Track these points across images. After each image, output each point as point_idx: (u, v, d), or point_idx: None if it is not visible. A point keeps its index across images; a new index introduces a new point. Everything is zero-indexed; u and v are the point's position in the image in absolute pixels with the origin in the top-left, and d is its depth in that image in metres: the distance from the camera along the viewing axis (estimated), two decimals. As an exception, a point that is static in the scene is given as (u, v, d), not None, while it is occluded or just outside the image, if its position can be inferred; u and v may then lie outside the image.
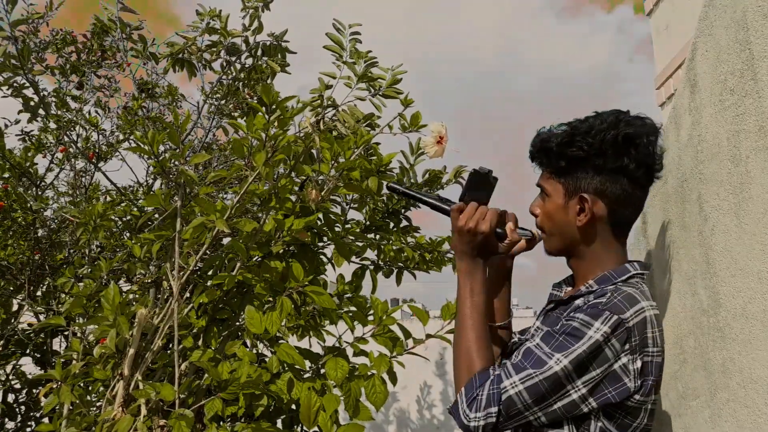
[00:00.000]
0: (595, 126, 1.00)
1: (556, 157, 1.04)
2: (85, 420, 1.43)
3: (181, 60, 1.95)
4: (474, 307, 1.03)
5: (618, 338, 0.90)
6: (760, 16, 1.01)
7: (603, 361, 0.90)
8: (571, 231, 1.05)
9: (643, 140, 0.99)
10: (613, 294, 0.94)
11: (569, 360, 0.89)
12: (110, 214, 1.82)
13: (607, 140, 0.98)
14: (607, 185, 1.01)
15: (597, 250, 1.05)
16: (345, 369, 1.49)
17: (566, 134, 1.02)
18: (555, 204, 1.06)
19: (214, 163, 2.47)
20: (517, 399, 0.90)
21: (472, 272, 1.06)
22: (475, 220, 1.05)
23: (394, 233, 1.85)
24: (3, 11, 1.90)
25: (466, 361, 0.99)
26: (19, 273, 2.26)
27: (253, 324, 1.39)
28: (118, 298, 1.43)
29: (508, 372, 0.92)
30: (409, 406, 5.04)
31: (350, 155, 1.56)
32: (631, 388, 0.91)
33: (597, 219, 1.02)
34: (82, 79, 2.37)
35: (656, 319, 0.95)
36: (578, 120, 1.03)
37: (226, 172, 1.57)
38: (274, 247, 1.53)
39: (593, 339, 0.89)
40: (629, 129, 0.98)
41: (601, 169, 1.01)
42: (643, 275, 1.04)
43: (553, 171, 1.06)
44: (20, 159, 2.28)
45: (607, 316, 0.90)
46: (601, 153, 0.99)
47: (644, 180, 1.02)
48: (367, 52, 1.54)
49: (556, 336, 0.92)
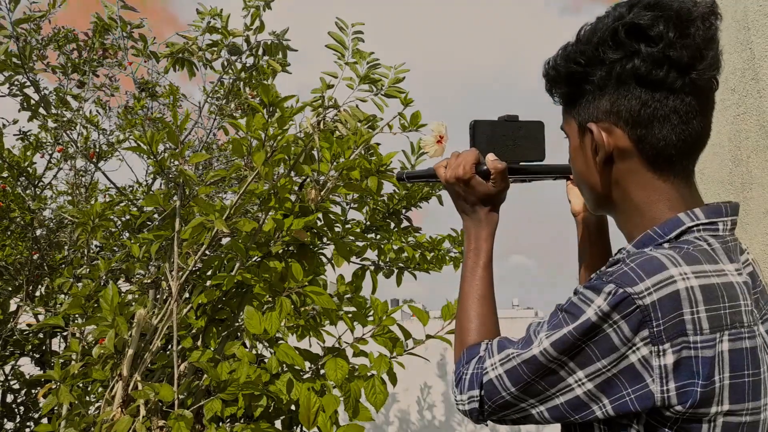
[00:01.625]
0: (599, 25, 0.74)
1: (557, 82, 0.80)
2: (83, 420, 1.43)
3: (182, 59, 1.94)
4: (474, 271, 0.88)
5: (627, 320, 0.64)
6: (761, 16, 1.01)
7: (609, 348, 0.65)
8: (592, 178, 0.79)
9: (659, 27, 0.69)
10: (627, 259, 0.68)
11: (550, 342, 0.68)
12: (109, 214, 1.81)
13: (604, 40, 0.72)
14: (619, 102, 0.73)
15: (634, 197, 0.76)
16: (345, 369, 1.49)
17: (564, 48, 0.78)
18: (573, 147, 0.82)
19: (214, 163, 2.46)
20: (498, 384, 0.73)
21: (473, 227, 0.90)
22: (452, 168, 0.89)
23: (394, 233, 1.85)
24: (5, 9, 1.90)
25: (459, 332, 0.84)
26: (18, 273, 2.25)
27: (253, 324, 1.39)
28: (117, 299, 1.43)
29: (491, 350, 0.76)
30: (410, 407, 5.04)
31: (350, 155, 1.55)
32: (655, 393, 0.64)
33: (619, 153, 0.74)
34: (83, 77, 2.37)
35: (705, 292, 0.64)
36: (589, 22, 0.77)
37: (226, 172, 1.56)
38: (273, 247, 1.53)
39: (586, 318, 0.66)
40: (640, 16, 0.70)
41: (605, 83, 0.74)
42: (714, 225, 0.71)
43: (564, 104, 0.82)
44: (18, 158, 2.28)
45: (610, 289, 0.66)
46: (600, 60, 0.73)
47: (677, 83, 0.70)
48: (369, 53, 1.53)
49: (558, 313, 0.72)
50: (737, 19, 1.10)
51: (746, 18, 1.06)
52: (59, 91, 2.24)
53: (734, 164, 1.13)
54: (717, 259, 0.68)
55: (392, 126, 1.57)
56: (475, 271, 0.88)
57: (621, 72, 0.71)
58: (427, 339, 1.63)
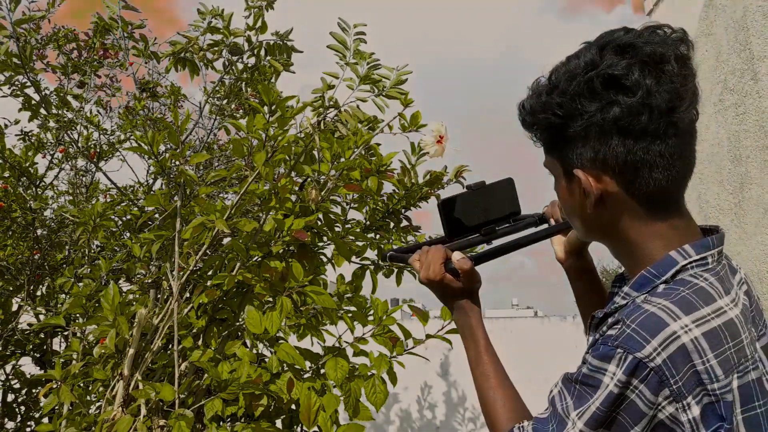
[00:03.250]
0: (571, 70, 0.72)
1: (533, 129, 0.79)
2: (84, 420, 1.43)
3: (183, 59, 1.95)
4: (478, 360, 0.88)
5: (646, 385, 0.65)
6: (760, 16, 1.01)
7: (638, 415, 0.66)
8: (585, 218, 0.79)
9: (634, 77, 0.68)
10: (626, 321, 0.68)
11: (584, 422, 0.68)
12: (110, 214, 1.82)
13: (579, 91, 0.70)
14: (603, 152, 0.71)
15: (630, 235, 0.75)
16: (345, 369, 1.49)
17: (538, 94, 0.76)
18: (561, 186, 0.81)
19: (215, 163, 2.47)
20: None
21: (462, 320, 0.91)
22: (423, 269, 0.90)
23: (394, 233, 1.85)
24: (5, 10, 1.90)
25: (489, 422, 0.83)
26: (19, 273, 2.26)
27: (253, 324, 1.39)
28: (118, 298, 1.43)
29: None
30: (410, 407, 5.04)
31: (350, 155, 1.56)
32: None
33: (610, 196, 0.74)
34: (83, 78, 2.38)
35: (708, 340, 0.65)
36: (561, 63, 0.75)
37: (226, 172, 1.57)
38: (273, 247, 1.53)
39: (608, 389, 0.66)
40: (612, 67, 0.68)
41: (587, 134, 0.72)
42: (704, 260, 0.72)
43: (543, 145, 0.81)
44: (20, 158, 2.28)
45: (620, 356, 0.65)
46: (578, 112, 0.71)
47: (659, 127, 0.69)
48: (370, 53, 1.54)
49: (572, 384, 0.71)
50: (736, 20, 1.10)
51: (745, 19, 1.06)
52: (60, 91, 2.25)
53: (733, 164, 1.13)
54: (714, 297, 0.69)
55: (392, 126, 1.57)
56: (480, 359, 0.87)
57: (602, 123, 0.70)
58: (427, 338, 1.63)
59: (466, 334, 0.89)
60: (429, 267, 0.89)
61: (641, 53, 0.68)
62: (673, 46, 0.69)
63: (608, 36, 0.72)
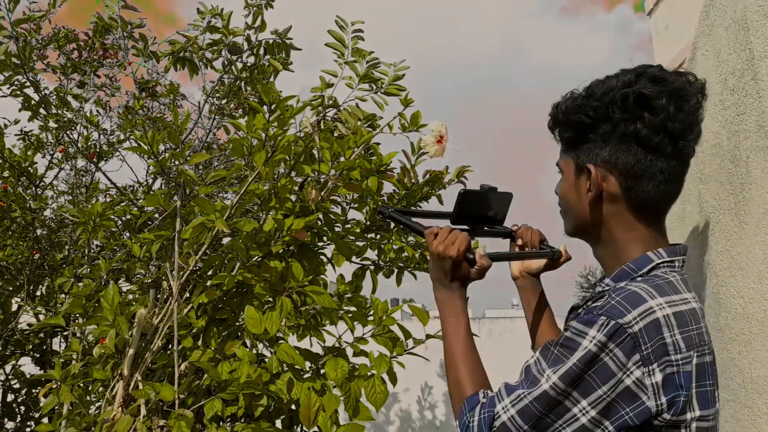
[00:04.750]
0: (610, 85, 0.85)
1: (564, 126, 0.92)
2: (84, 420, 1.43)
3: (182, 58, 1.94)
4: (457, 334, 0.95)
5: (621, 348, 0.74)
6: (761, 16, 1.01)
7: (607, 375, 0.75)
8: (583, 212, 0.91)
9: (662, 101, 0.82)
10: (612, 295, 0.79)
11: (558, 376, 0.76)
12: (109, 214, 1.81)
13: (614, 101, 0.84)
14: (617, 156, 0.85)
15: (616, 235, 0.89)
16: (345, 369, 1.49)
17: (575, 98, 0.89)
18: (567, 182, 0.93)
19: (214, 162, 2.46)
20: (511, 425, 0.79)
21: (450, 299, 0.98)
22: (444, 244, 0.97)
23: (394, 233, 1.85)
24: (4, 10, 1.90)
25: (456, 389, 0.91)
26: (19, 273, 2.26)
27: (253, 324, 1.39)
28: (118, 298, 1.43)
29: (500, 395, 0.82)
30: (411, 407, 5.04)
31: (350, 155, 1.56)
32: (651, 407, 0.75)
33: (609, 196, 0.87)
34: (83, 78, 2.38)
35: (677, 318, 0.77)
36: (599, 80, 0.89)
37: (226, 172, 1.56)
38: (273, 247, 1.53)
39: (586, 349, 0.75)
40: (647, 88, 0.82)
41: (609, 137, 0.86)
42: (672, 263, 0.86)
43: (564, 144, 0.94)
44: (19, 158, 2.28)
45: (602, 322, 0.76)
46: (608, 117, 0.85)
47: (668, 149, 0.83)
48: (369, 52, 1.53)
49: (551, 349, 0.80)
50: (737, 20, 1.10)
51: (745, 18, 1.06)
52: (59, 91, 2.24)
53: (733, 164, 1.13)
54: (680, 290, 0.82)
55: (392, 126, 1.57)
56: (459, 333, 0.96)
57: (624, 131, 0.84)
58: (427, 339, 1.63)
59: (450, 311, 0.97)
60: (452, 245, 0.96)
61: (670, 86, 0.83)
62: (695, 90, 0.85)
63: (644, 67, 0.86)
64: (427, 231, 1.01)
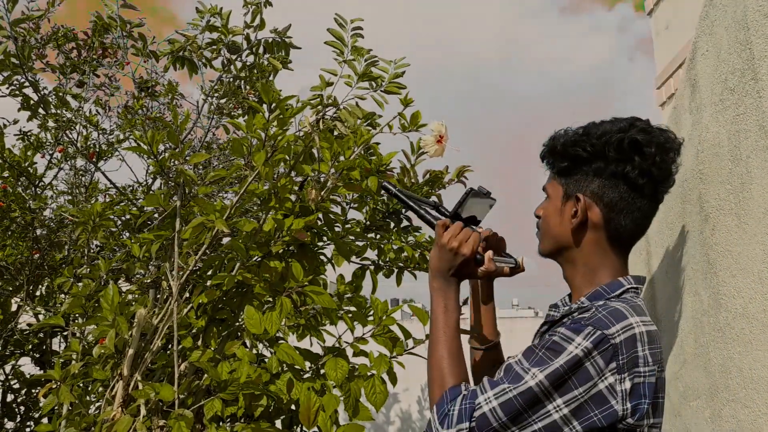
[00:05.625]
0: (606, 128, 0.98)
1: (560, 156, 1.02)
2: (84, 420, 1.43)
3: (182, 58, 1.94)
4: (447, 324, 1.01)
5: (602, 355, 0.84)
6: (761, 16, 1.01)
7: (585, 379, 0.84)
8: (564, 234, 1.02)
9: (651, 149, 0.95)
10: (598, 309, 0.89)
11: (545, 375, 0.84)
12: (109, 214, 1.81)
13: (611, 142, 0.96)
14: (605, 190, 0.98)
15: (590, 259, 1.01)
16: (345, 369, 1.49)
17: (573, 134, 1.01)
18: (553, 206, 1.04)
19: (214, 162, 2.46)
20: (491, 416, 0.86)
21: (446, 290, 1.04)
22: (458, 240, 1.03)
23: (394, 233, 1.85)
24: (3, 10, 1.90)
25: (438, 377, 0.97)
26: (18, 273, 2.26)
27: (253, 324, 1.39)
28: (118, 298, 1.43)
29: (483, 387, 0.89)
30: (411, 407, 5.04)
31: (350, 155, 1.55)
32: (618, 411, 0.85)
33: (591, 225, 0.99)
34: (82, 77, 2.37)
35: (648, 336, 0.89)
36: (594, 122, 1.01)
37: (226, 172, 1.56)
38: (273, 247, 1.53)
39: (572, 354, 0.84)
40: (640, 135, 0.95)
41: (601, 173, 0.98)
42: (637, 289, 0.99)
43: (556, 172, 1.05)
44: (19, 158, 2.28)
45: (589, 331, 0.85)
46: (603, 155, 0.97)
47: (648, 191, 0.97)
48: (368, 50, 1.53)
49: (536, 351, 0.88)
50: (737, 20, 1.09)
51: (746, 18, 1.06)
52: (59, 91, 2.24)
53: (733, 164, 1.13)
54: (646, 313, 0.93)
55: (392, 126, 1.56)
56: (449, 325, 1.02)
57: (615, 170, 0.97)
58: (427, 339, 1.63)
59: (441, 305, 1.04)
60: (466, 242, 1.03)
61: (657, 138, 0.96)
62: (676, 146, 0.97)
63: (635, 119, 0.99)
64: (438, 222, 1.06)
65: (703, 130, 1.22)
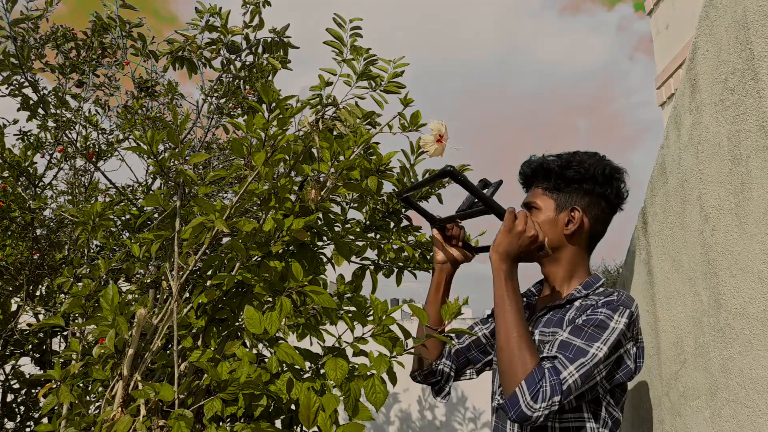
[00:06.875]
0: (584, 158, 1.28)
1: (556, 176, 1.29)
2: (84, 420, 1.43)
3: (181, 58, 1.94)
4: (519, 307, 1.16)
5: (629, 327, 1.13)
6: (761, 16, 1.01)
7: (618, 347, 1.12)
8: (556, 238, 1.29)
9: (621, 176, 1.31)
10: (620, 292, 1.17)
11: (608, 347, 1.09)
12: (109, 214, 1.81)
13: (597, 170, 1.28)
14: (592, 206, 1.29)
15: (574, 259, 1.30)
16: (345, 369, 1.49)
17: (565, 160, 1.29)
18: (546, 216, 1.30)
19: (213, 162, 2.46)
20: (573, 386, 1.06)
21: (512, 273, 1.19)
22: (531, 226, 1.19)
23: (394, 232, 1.85)
24: (2, 10, 1.90)
25: (520, 359, 1.10)
26: (18, 273, 2.25)
27: (253, 324, 1.39)
28: (117, 298, 1.43)
29: (563, 363, 1.08)
30: (411, 407, 5.04)
31: (350, 155, 1.55)
32: (632, 370, 1.15)
33: (581, 232, 1.29)
34: (82, 77, 2.37)
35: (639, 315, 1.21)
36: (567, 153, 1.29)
37: (226, 172, 1.56)
38: (273, 246, 1.53)
39: (618, 329, 1.11)
40: (612, 165, 1.30)
41: (590, 192, 1.29)
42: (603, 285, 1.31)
43: (547, 188, 1.31)
44: (19, 158, 2.27)
45: (622, 310, 1.13)
46: (592, 179, 1.28)
47: (617, 207, 1.33)
48: (367, 49, 1.53)
49: (585, 329, 1.11)
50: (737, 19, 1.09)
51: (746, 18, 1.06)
52: (58, 91, 2.24)
53: (733, 164, 1.13)
54: None
55: (392, 126, 1.56)
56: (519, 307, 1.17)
57: (600, 191, 1.30)
58: (427, 338, 1.63)
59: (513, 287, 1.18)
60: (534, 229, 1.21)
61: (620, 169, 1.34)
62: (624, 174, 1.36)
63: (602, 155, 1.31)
64: (509, 209, 1.22)
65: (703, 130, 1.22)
